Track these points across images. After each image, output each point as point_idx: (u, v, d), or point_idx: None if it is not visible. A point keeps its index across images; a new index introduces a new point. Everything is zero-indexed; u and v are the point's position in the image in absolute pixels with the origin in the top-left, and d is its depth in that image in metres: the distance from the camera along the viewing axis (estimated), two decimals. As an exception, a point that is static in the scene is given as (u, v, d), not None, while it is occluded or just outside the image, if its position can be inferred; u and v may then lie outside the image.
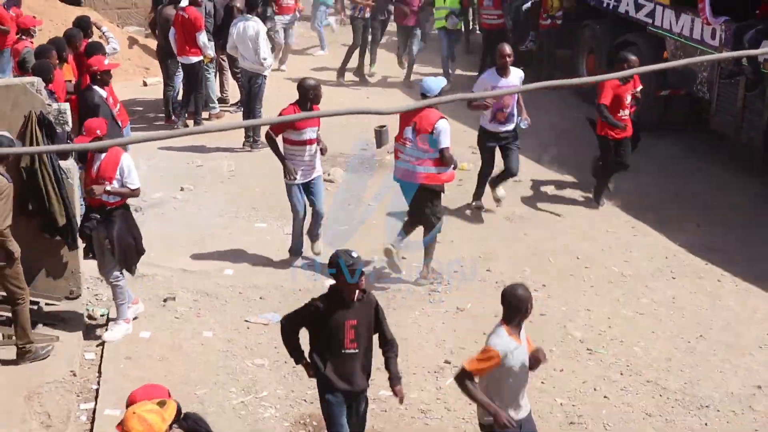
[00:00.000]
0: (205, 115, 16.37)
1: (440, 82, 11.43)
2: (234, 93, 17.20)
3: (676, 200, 13.72)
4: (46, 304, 10.47)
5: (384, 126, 15.29)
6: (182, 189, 13.79)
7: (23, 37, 13.30)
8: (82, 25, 13.83)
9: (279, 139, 11.45)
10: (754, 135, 13.82)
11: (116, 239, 9.98)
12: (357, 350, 7.67)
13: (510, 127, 12.88)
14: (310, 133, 11.43)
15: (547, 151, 15.01)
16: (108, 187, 9.90)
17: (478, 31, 20.81)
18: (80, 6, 19.66)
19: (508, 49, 12.68)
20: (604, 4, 16.82)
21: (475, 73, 18.00)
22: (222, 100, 17.26)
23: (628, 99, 12.96)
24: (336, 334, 7.59)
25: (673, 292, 11.42)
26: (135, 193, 10.20)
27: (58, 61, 12.13)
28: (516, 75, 12.66)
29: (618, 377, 9.76)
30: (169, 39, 15.85)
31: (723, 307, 11.17)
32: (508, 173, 13.13)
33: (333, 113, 4.35)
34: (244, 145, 15.38)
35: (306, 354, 7.90)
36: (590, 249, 12.38)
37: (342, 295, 7.62)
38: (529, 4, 18.65)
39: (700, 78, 14.53)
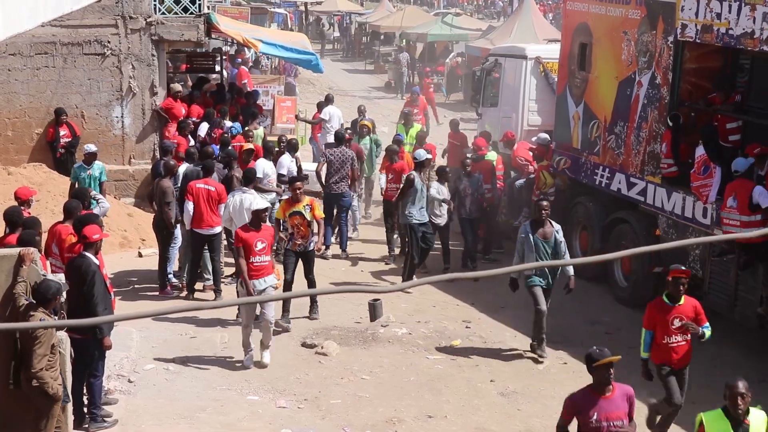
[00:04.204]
0: (199, 286, 16.40)
1: (748, 162, 13.43)
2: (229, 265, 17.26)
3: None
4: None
5: (378, 299, 15.35)
6: (174, 360, 13.68)
7: (21, 207, 13.39)
8: (80, 196, 13.97)
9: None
10: (748, 313, 13.82)
11: None
12: None
13: None
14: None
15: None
16: None
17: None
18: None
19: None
20: (597, 182, 17.04)
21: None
22: (216, 272, 17.29)
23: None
24: None
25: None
26: None
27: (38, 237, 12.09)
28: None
29: None
30: (169, 210, 15.91)
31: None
32: None
33: (332, 291, 4.37)
34: (237, 317, 15.34)
35: None
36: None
37: None
38: (522, 181, 18.84)
39: (693, 255, 14.60)
